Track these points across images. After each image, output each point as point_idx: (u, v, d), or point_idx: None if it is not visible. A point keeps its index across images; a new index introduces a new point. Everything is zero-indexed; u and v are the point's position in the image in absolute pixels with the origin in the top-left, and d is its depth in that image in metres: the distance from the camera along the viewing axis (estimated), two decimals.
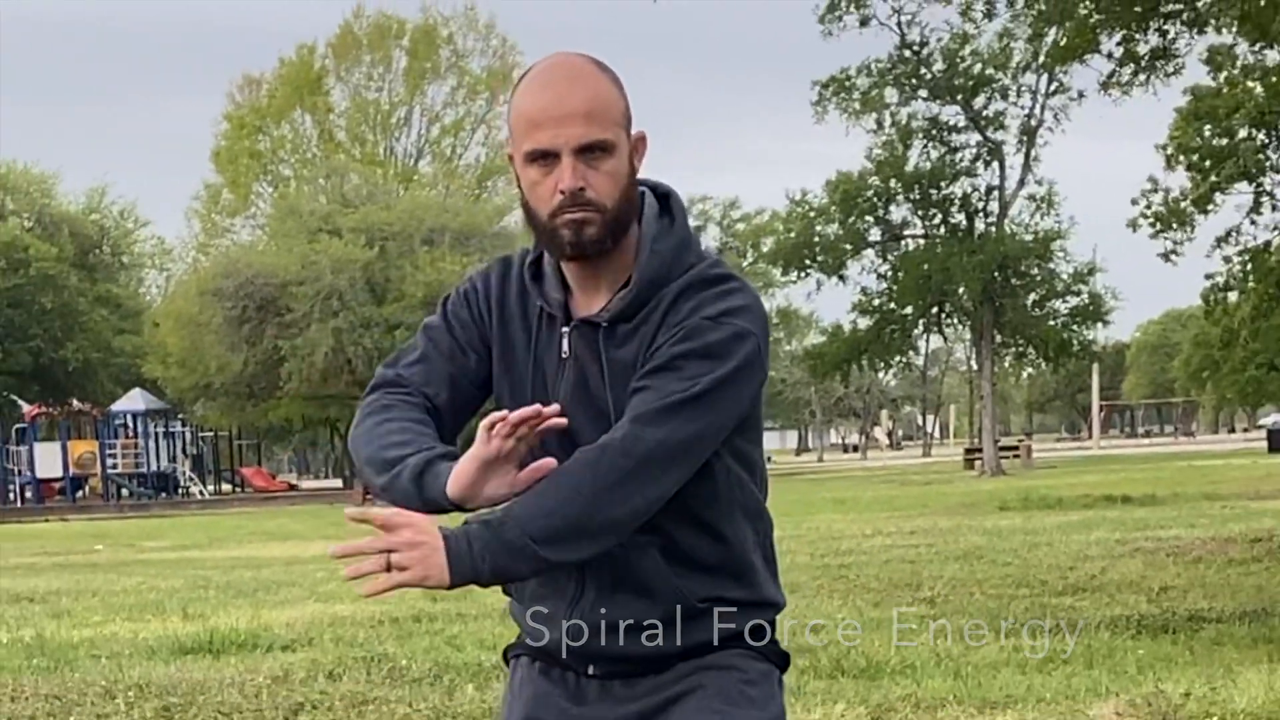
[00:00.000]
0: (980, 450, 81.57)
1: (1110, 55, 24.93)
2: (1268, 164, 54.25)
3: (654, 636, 3.91)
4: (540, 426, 3.79)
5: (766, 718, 4.06)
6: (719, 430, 3.87)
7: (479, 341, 4.04)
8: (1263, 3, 23.97)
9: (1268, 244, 56.95)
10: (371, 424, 3.95)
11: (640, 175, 4.02)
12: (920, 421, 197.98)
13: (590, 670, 4.01)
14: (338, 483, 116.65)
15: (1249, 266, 58.12)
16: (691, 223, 4.09)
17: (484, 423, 3.82)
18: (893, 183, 77.26)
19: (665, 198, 4.03)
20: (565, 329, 3.96)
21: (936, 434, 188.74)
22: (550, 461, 3.78)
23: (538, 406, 3.79)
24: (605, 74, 3.90)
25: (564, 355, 3.96)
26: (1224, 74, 43.35)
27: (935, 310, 79.17)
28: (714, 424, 3.83)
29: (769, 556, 4.17)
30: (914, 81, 74.22)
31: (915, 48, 72.77)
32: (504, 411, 3.75)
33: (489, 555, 3.62)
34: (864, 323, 79.23)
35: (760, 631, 4.13)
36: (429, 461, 3.79)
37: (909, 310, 78.32)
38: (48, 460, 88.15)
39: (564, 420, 3.78)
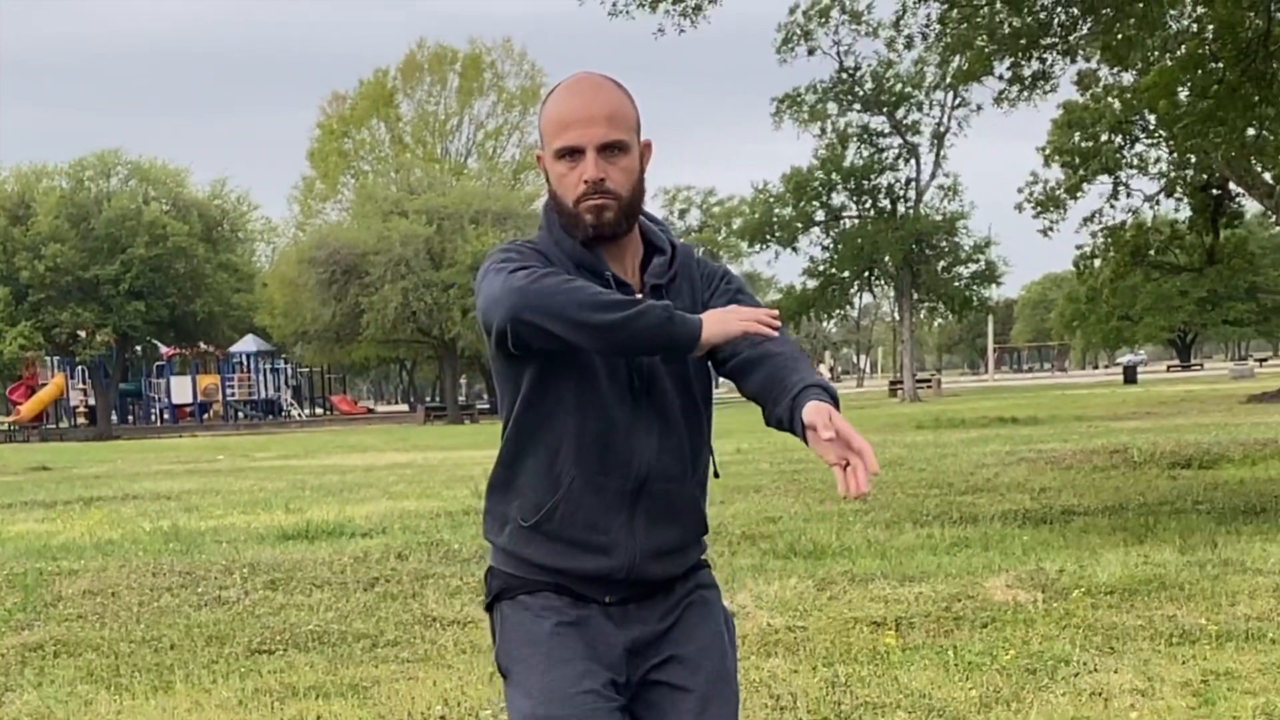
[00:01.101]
0: (901, 382, 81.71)
1: (1001, 77, 24.75)
2: (1123, 161, 54.29)
3: (676, 560, 3.88)
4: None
5: (732, 632, 4.10)
6: None
7: None
8: (1120, 38, 23.90)
9: (1123, 223, 57.21)
10: (558, 281, 3.62)
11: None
12: (855, 360, 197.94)
13: (607, 599, 3.88)
14: (404, 407, 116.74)
15: (1109, 240, 58.41)
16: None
17: (764, 313, 3.80)
18: (834, 176, 77.27)
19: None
20: (639, 292, 3.87)
21: (867, 369, 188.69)
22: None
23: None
24: (622, 89, 3.85)
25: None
26: (1090, 92, 43.22)
27: (866, 274, 79.29)
28: None
29: None
30: (849, 97, 74.22)
31: (850, 71, 72.76)
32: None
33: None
34: (811, 284, 79.23)
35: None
36: (668, 307, 3.64)
37: (846, 274, 78.40)
38: (181, 390, 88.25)
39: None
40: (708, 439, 3.99)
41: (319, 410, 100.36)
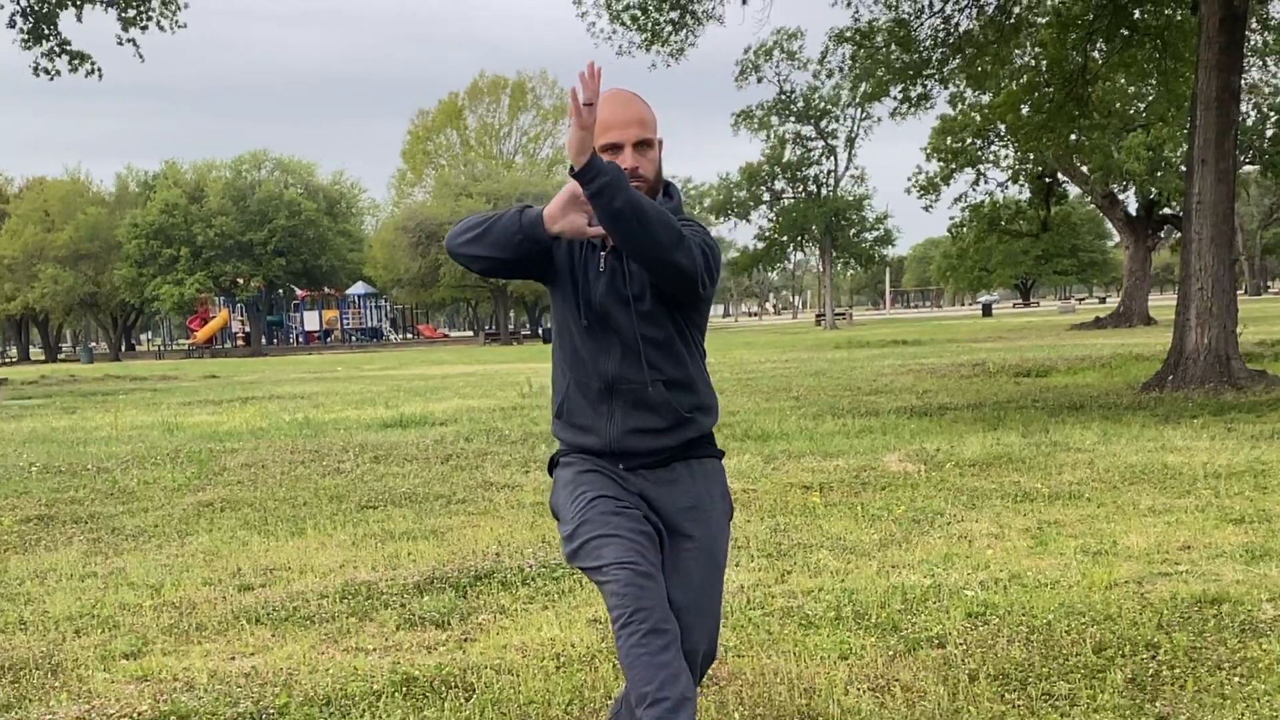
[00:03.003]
0: (824, 315, 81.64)
1: (895, 98, 24.70)
2: (982, 158, 54.16)
3: (656, 437, 3.76)
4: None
5: (729, 503, 3.96)
6: (702, 255, 3.63)
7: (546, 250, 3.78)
8: (979, 70, 23.79)
9: (982, 202, 57.22)
10: (462, 221, 3.76)
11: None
12: (790, 299, 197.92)
13: (621, 466, 3.82)
14: (470, 333, 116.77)
15: (972, 214, 58.57)
16: None
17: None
18: (776, 168, 77.02)
19: (667, 185, 3.88)
20: (603, 252, 3.77)
21: (799, 306, 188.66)
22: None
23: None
24: (644, 101, 3.80)
25: (601, 269, 3.76)
26: (959, 108, 42.97)
27: (799, 238, 78.99)
28: (699, 251, 3.62)
29: (710, 385, 4.01)
30: (787, 112, 73.92)
31: (788, 94, 72.57)
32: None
33: (610, 180, 3.37)
34: (760, 245, 79.15)
35: (711, 436, 3.97)
36: (525, 207, 3.66)
37: (784, 238, 78.16)
38: (311, 321, 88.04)
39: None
40: (671, 352, 3.79)
41: (409, 335, 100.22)
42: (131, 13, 28.63)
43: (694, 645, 3.76)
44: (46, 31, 29.15)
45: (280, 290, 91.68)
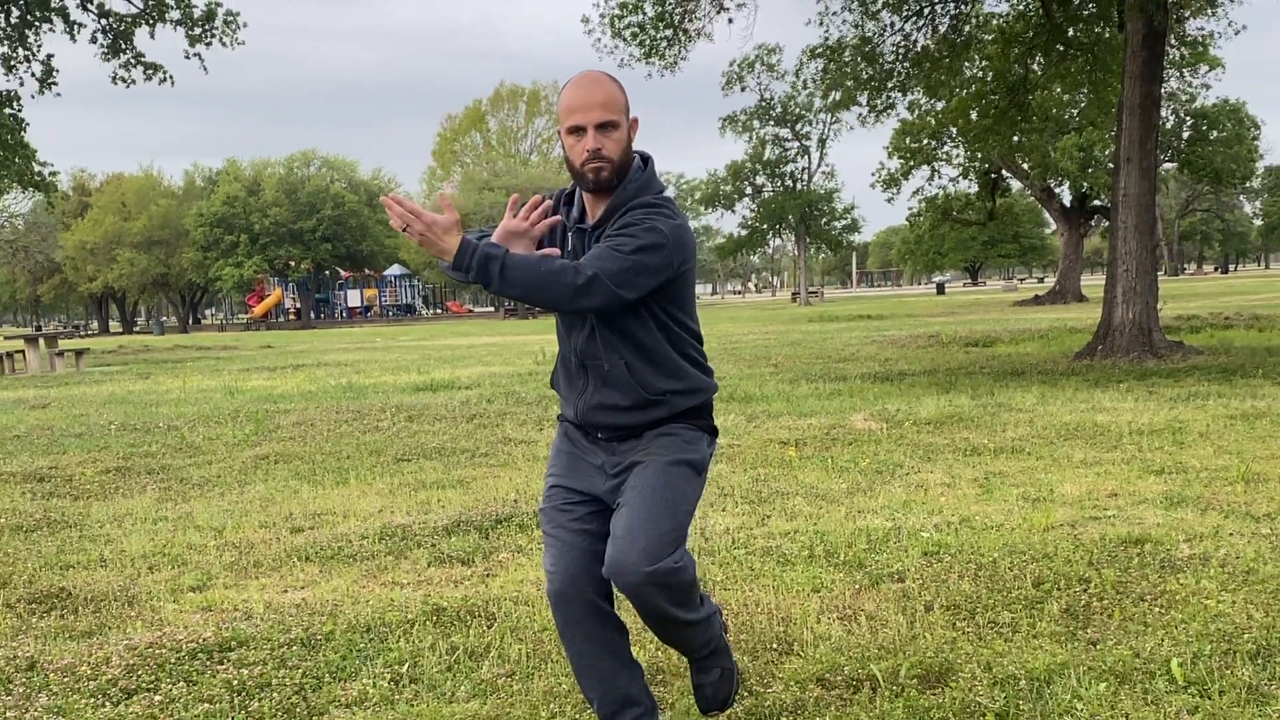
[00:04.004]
0: (799, 293, 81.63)
1: (861, 105, 24.58)
2: (937, 156, 54.00)
3: (624, 414, 3.53)
4: (536, 213, 3.55)
5: (694, 455, 3.59)
6: (631, 272, 3.33)
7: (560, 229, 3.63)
8: (935, 80, 23.70)
9: (936, 195, 57.04)
10: None
11: (637, 145, 3.59)
12: (770, 279, 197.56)
13: (598, 435, 3.61)
14: (491, 308, 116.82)
15: (928, 206, 58.35)
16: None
17: (511, 199, 3.54)
18: (757, 165, 77.01)
19: (646, 160, 3.63)
20: (570, 233, 3.61)
21: (777, 285, 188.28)
22: (555, 251, 3.45)
23: (538, 199, 3.57)
24: (614, 81, 3.51)
25: (569, 249, 3.58)
26: (916, 113, 42.85)
27: (777, 227, 78.92)
28: (626, 270, 3.32)
29: (700, 364, 3.68)
30: (767, 117, 73.87)
31: (768, 101, 72.54)
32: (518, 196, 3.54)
33: (475, 273, 3.24)
34: (743, 233, 79.10)
35: (697, 411, 3.66)
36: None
37: (765, 226, 78.11)
38: (354, 298, 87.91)
39: (553, 211, 3.56)
40: (629, 334, 3.51)
41: (438, 311, 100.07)
42: (197, 31, 28.69)
43: (628, 569, 3.34)
44: (123, 46, 29.18)
45: (327, 271, 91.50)
